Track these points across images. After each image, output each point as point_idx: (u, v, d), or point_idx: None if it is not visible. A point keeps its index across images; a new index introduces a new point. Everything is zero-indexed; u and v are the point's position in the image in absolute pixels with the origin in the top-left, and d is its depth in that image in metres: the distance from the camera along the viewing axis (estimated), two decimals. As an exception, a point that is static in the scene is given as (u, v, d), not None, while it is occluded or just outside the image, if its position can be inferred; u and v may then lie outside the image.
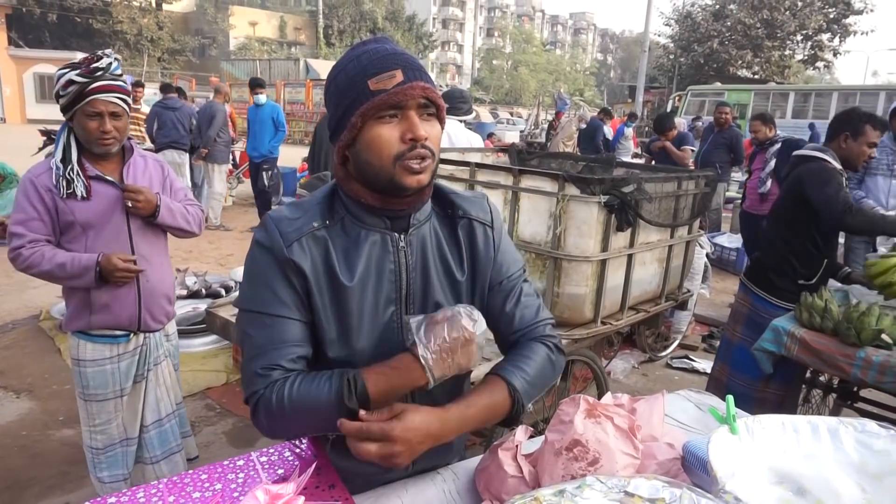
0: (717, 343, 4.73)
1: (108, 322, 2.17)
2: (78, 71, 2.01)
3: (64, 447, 3.08)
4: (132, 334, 2.23)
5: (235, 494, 1.02)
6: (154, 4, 35.59)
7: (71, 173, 2.03)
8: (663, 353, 4.50)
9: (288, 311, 1.10)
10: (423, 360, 1.04)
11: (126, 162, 2.18)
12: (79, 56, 2.12)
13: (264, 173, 8.01)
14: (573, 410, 1.29)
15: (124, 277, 2.10)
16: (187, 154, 7.79)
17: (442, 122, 1.12)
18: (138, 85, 9.74)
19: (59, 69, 2.05)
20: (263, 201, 8.19)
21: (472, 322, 1.06)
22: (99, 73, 2.03)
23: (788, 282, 2.80)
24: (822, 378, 3.20)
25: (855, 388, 3.15)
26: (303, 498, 1.00)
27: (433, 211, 1.22)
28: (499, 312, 1.27)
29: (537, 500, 1.03)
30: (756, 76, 27.92)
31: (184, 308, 4.67)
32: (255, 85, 7.98)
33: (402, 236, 1.15)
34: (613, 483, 1.08)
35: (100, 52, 2.08)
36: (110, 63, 2.06)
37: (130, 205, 2.10)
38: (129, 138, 2.22)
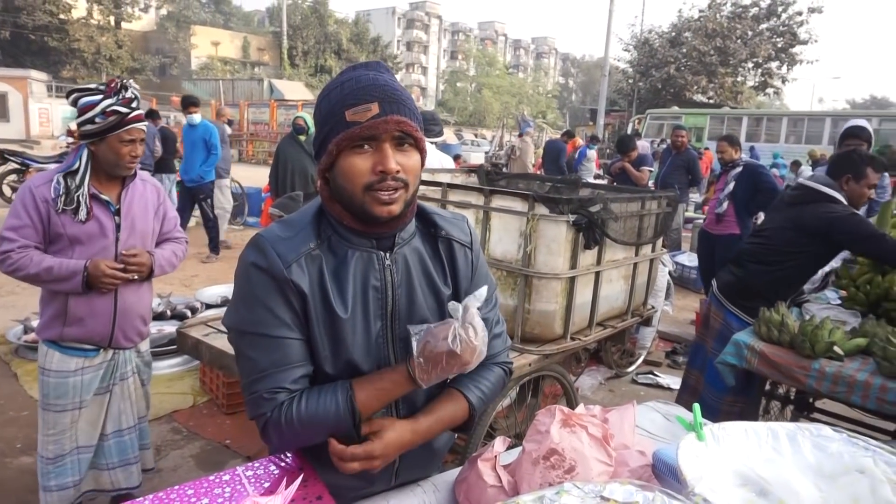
0: (680, 359, 4.87)
1: (80, 335, 2.20)
2: (115, 99, 2.09)
3: (23, 475, 2.98)
4: (102, 350, 2.27)
5: (223, 509, 1.04)
6: (113, 23, 35.08)
7: (81, 197, 2.10)
8: (629, 369, 4.60)
9: (289, 331, 1.12)
10: (415, 372, 1.13)
11: (126, 185, 2.24)
12: (34, 73, 2.21)
13: (202, 203, 7.46)
14: (549, 420, 1.34)
15: (111, 284, 2.15)
16: (149, 173, 7.66)
17: (421, 152, 1.15)
18: (153, 115, 9.60)
19: (84, 95, 2.10)
20: (212, 230, 7.67)
21: (466, 336, 1.09)
22: (134, 102, 2.14)
23: (765, 303, 2.81)
24: (780, 390, 3.32)
25: (811, 400, 3.28)
26: (291, 510, 1.02)
27: (417, 229, 1.26)
28: None
29: (518, 506, 1.07)
30: (711, 101, 28.99)
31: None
32: (189, 103, 7.47)
33: (388, 254, 1.18)
34: (590, 488, 1.13)
35: (122, 80, 2.16)
36: (136, 91, 2.18)
37: (134, 277, 2.22)
38: None
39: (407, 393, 1.18)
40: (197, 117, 7.40)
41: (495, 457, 1.34)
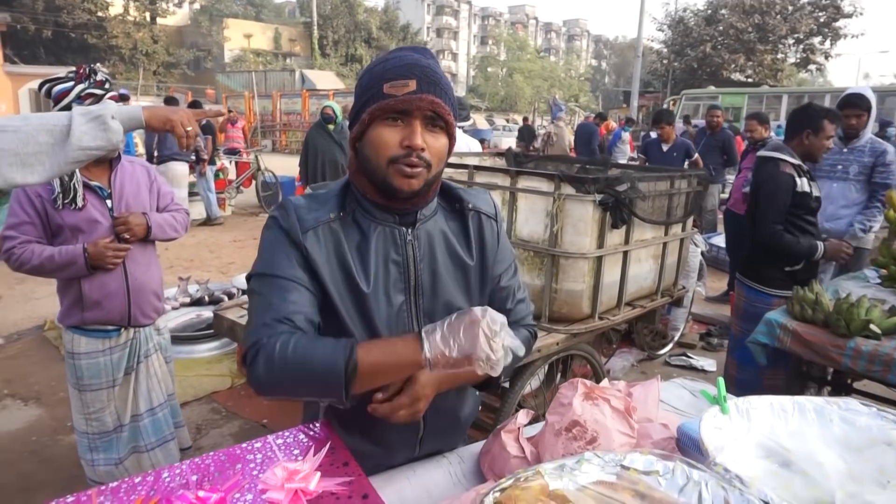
0: (715, 341, 4.81)
1: (100, 318, 2.28)
2: (87, 83, 2.13)
3: (73, 451, 3.11)
4: (123, 329, 2.35)
5: (255, 473, 1.08)
6: (148, 18, 35.78)
7: (77, 184, 2.14)
8: (661, 351, 4.56)
9: (302, 279, 1.14)
10: (424, 343, 1.02)
11: (113, 168, 2.27)
12: (62, 71, 2.21)
13: None
14: (572, 393, 1.36)
15: (115, 259, 2.21)
16: (186, 164, 7.88)
17: (451, 137, 1.17)
18: (124, 98, 9.92)
19: (57, 84, 2.12)
20: None
21: (487, 336, 1.00)
22: (106, 84, 2.18)
23: (776, 270, 2.99)
24: (815, 372, 3.26)
25: (849, 381, 3.22)
26: (318, 474, 1.07)
27: (440, 206, 1.28)
28: (499, 308, 1.35)
29: (539, 473, 1.09)
30: (749, 79, 28.15)
31: (188, 315, 4.73)
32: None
33: (410, 230, 1.21)
34: (610, 458, 1.15)
35: (90, 65, 2.19)
36: (106, 74, 2.21)
37: (128, 236, 2.24)
38: None
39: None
40: None
41: (519, 429, 1.37)
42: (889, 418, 1.28)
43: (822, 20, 27.48)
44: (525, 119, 16.43)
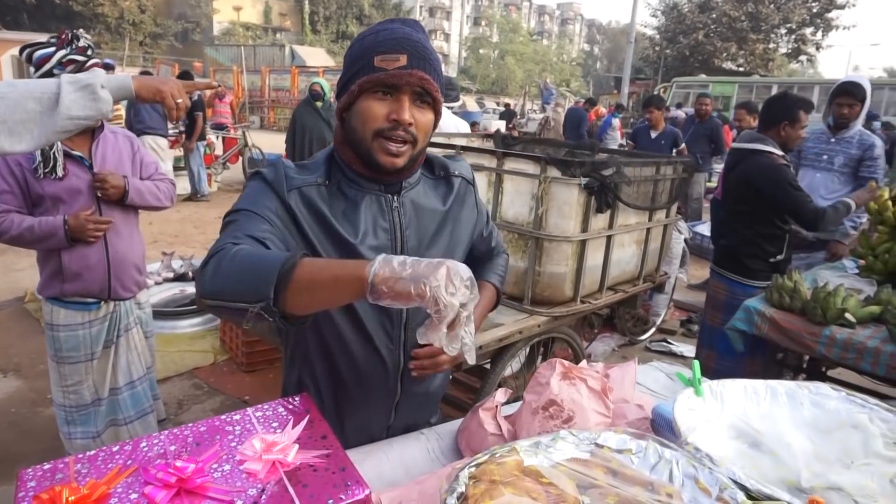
0: (696, 328, 4.86)
1: (80, 290, 2.26)
2: (69, 49, 2.08)
3: (53, 423, 3.09)
4: (103, 302, 2.33)
5: (234, 444, 1.09)
6: (136, -13, 35.05)
7: (58, 153, 2.10)
8: (642, 337, 4.62)
9: (279, 224, 1.12)
10: (376, 260, 0.89)
11: (95, 138, 2.23)
12: (44, 37, 2.15)
13: None
14: (549, 373, 1.38)
15: (96, 233, 2.18)
16: (164, 139, 7.77)
17: (437, 113, 1.18)
18: (109, 67, 9.73)
19: (38, 49, 2.08)
20: None
21: (448, 277, 0.86)
22: (89, 51, 2.13)
23: (760, 262, 2.99)
24: (792, 360, 3.32)
25: (823, 369, 3.28)
26: (297, 446, 1.07)
27: (422, 174, 1.31)
28: (483, 252, 1.52)
29: (515, 450, 1.11)
30: (741, 69, 28.21)
31: (171, 290, 4.71)
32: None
33: (396, 197, 1.23)
34: (584, 436, 1.17)
35: (71, 32, 2.14)
36: (88, 41, 2.16)
37: (100, 194, 2.20)
38: None
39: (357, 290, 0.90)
40: None
41: (496, 406, 1.39)
42: (857, 402, 1.31)
43: (815, 10, 27.52)
44: (507, 105, 16.36)
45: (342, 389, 1.33)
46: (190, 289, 4.59)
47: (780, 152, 2.92)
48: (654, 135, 6.55)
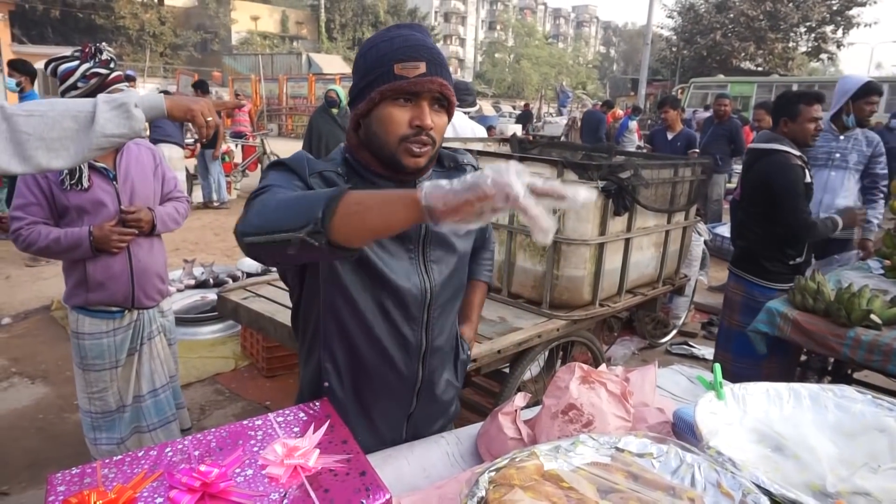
0: (717, 330, 4.81)
1: (105, 299, 2.30)
2: (93, 62, 2.14)
3: (79, 429, 3.13)
4: (127, 310, 2.37)
5: (255, 449, 1.11)
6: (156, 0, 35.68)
7: (83, 165, 2.14)
8: (663, 340, 4.57)
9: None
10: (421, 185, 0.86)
11: (119, 150, 2.26)
12: (68, 51, 2.20)
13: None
14: (569, 377, 1.38)
15: (119, 244, 2.22)
16: (181, 148, 7.89)
17: (450, 115, 1.23)
18: (130, 79, 9.93)
19: (62, 63, 2.14)
20: None
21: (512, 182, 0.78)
22: (112, 64, 2.19)
23: (780, 265, 2.94)
24: (815, 362, 3.27)
25: (849, 371, 3.22)
26: (317, 451, 1.09)
27: (433, 169, 1.34)
28: (477, 244, 1.58)
29: (534, 454, 1.11)
30: (759, 68, 27.88)
31: (192, 297, 4.77)
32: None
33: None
34: (605, 440, 1.17)
35: (96, 45, 2.20)
36: (111, 54, 2.21)
37: (135, 232, 2.27)
38: None
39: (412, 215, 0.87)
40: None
41: (516, 411, 1.39)
42: (883, 405, 1.29)
43: (834, 8, 27.14)
44: (526, 105, 16.36)
45: (363, 373, 1.34)
46: (211, 295, 4.64)
47: (796, 152, 2.87)
48: (670, 136, 6.51)
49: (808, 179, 2.88)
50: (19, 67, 6.04)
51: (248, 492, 1.00)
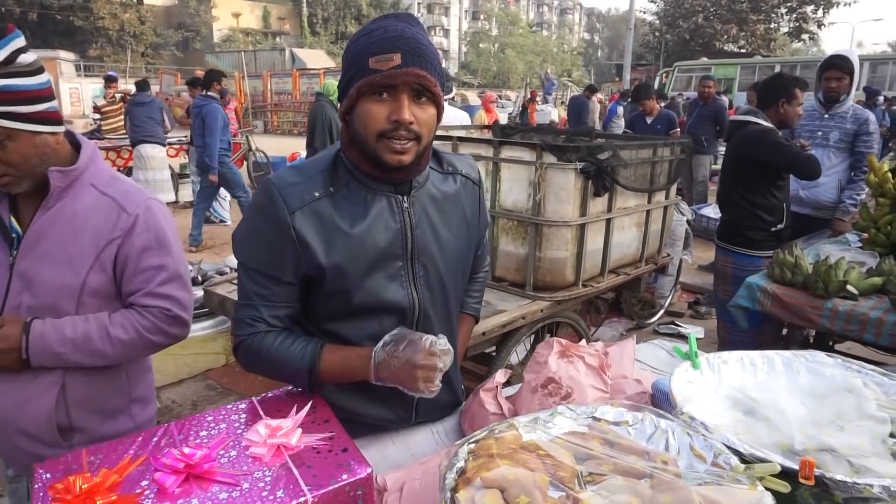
0: (703, 309, 4.87)
1: None
2: None
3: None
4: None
5: (239, 431, 1.13)
6: (135, -1, 35.31)
7: None
8: (650, 321, 4.62)
9: (282, 273, 1.19)
10: (373, 357, 1.17)
11: (46, 202, 1.38)
12: (62, 54, 1.66)
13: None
14: (547, 352, 1.40)
15: None
16: (163, 147, 7.82)
17: (439, 107, 1.16)
18: (112, 80, 9.88)
19: None
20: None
21: (428, 351, 1.12)
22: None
23: (762, 233, 3.09)
24: (796, 335, 3.33)
25: (830, 343, 3.28)
26: (300, 430, 1.11)
27: (431, 169, 1.30)
28: (474, 267, 1.52)
29: (513, 426, 1.14)
30: (742, 50, 27.97)
31: (181, 295, 4.77)
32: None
33: (405, 198, 1.23)
34: (582, 410, 1.20)
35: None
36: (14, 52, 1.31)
37: None
38: (51, 169, 1.37)
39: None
40: None
41: (497, 387, 1.42)
42: (852, 368, 1.33)
43: (814, -12, 27.28)
44: (533, 93, 16.26)
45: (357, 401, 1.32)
46: (199, 293, 4.63)
47: (769, 125, 3.02)
48: (649, 121, 6.57)
49: None
50: None
51: (232, 471, 1.02)
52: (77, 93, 23.51)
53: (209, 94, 6.27)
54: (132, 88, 9.67)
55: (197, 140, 6.32)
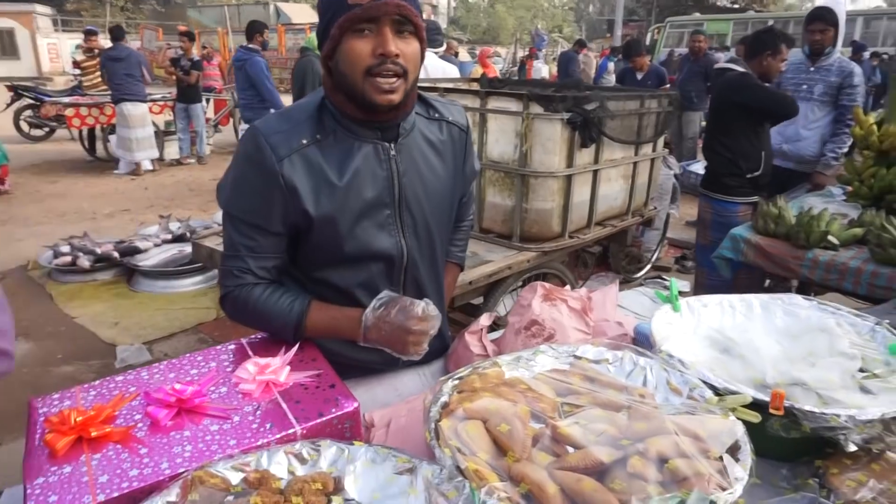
0: (689, 264, 4.93)
1: None
2: None
3: (65, 381, 3.23)
4: None
5: (229, 370, 1.15)
6: (114, -51, 33.99)
7: None
8: (637, 275, 4.68)
9: (269, 223, 1.18)
10: (363, 320, 1.20)
11: None
12: (39, 7, 1.61)
13: None
14: (531, 295, 1.43)
15: None
16: (145, 104, 7.69)
17: (422, 42, 1.15)
18: (92, 34, 9.61)
19: None
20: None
21: (419, 317, 1.16)
22: None
23: (738, 179, 3.18)
24: (779, 289, 3.39)
25: (812, 295, 3.34)
26: (289, 368, 1.14)
27: (417, 115, 1.29)
28: (460, 216, 1.53)
29: (497, 364, 1.18)
30: (735, 5, 27.54)
31: (170, 251, 4.77)
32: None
33: (393, 145, 1.22)
34: (563, 349, 1.23)
35: None
36: None
37: None
38: None
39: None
40: None
41: (482, 330, 1.45)
42: (827, 309, 1.37)
43: (811, -60, 26.72)
44: (531, 51, 16.04)
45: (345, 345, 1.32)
46: (188, 249, 4.63)
47: (748, 71, 3.15)
48: (639, 76, 6.52)
49: None
50: None
51: (223, 406, 1.05)
52: (56, 48, 22.83)
53: (251, 46, 6.07)
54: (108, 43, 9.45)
55: (241, 94, 6.17)
